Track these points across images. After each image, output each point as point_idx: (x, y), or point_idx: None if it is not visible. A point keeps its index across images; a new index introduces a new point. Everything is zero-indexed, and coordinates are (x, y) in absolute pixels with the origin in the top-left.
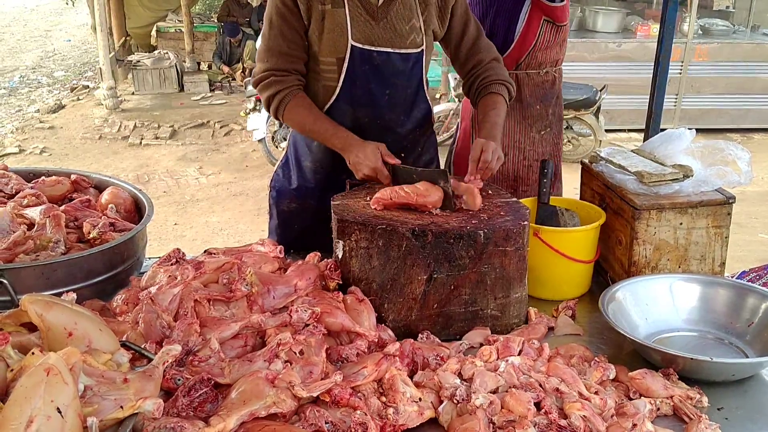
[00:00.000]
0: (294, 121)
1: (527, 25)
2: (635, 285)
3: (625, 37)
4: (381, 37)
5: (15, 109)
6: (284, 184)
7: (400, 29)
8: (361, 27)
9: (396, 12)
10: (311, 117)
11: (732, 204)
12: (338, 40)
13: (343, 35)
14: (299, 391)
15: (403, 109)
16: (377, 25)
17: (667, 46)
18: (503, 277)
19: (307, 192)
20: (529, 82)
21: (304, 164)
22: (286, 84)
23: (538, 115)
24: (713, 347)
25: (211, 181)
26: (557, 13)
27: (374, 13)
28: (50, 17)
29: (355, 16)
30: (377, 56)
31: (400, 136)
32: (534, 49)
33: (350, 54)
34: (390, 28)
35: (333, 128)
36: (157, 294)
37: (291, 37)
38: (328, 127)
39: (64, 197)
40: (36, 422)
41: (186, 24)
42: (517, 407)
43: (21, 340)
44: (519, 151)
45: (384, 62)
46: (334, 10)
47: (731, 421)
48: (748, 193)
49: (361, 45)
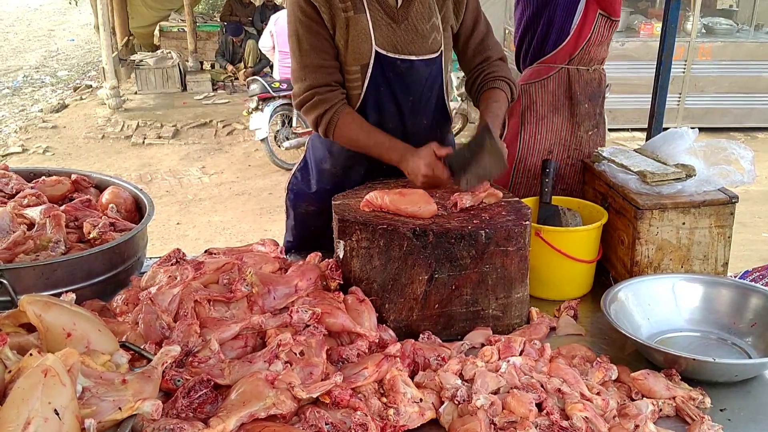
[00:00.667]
0: (346, 139)
1: (583, 17)
2: (637, 285)
3: (628, 36)
4: (404, 39)
5: (18, 108)
6: (302, 188)
7: (422, 29)
8: (383, 31)
9: (416, 12)
10: (363, 133)
11: (735, 203)
12: (362, 46)
13: (367, 41)
14: (299, 392)
15: (425, 114)
16: (398, 27)
17: (669, 44)
18: (505, 277)
19: (325, 194)
20: (580, 79)
21: (323, 167)
22: (331, 101)
23: (587, 113)
24: (716, 348)
25: (214, 181)
26: (615, 6)
27: (395, 16)
28: (54, 17)
29: (377, 20)
30: (401, 64)
31: (421, 138)
32: (588, 43)
33: (374, 61)
34: (411, 29)
35: (388, 141)
36: (157, 294)
37: (323, 47)
38: (383, 141)
39: (65, 197)
40: (33, 424)
41: (189, 23)
42: (519, 408)
43: (19, 341)
44: (564, 149)
45: (407, 69)
46: (356, 16)
47: (734, 423)
48: (752, 192)
49: (385, 51)
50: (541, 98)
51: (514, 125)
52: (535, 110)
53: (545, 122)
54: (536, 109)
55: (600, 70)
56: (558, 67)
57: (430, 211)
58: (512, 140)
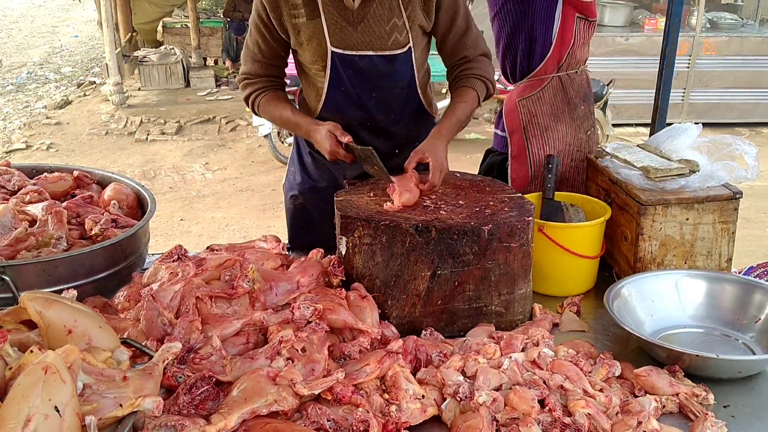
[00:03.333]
0: (267, 117)
1: (563, 24)
2: (641, 281)
3: (632, 31)
4: (360, 41)
5: (22, 105)
6: (291, 179)
7: (379, 31)
8: (338, 34)
9: (373, 14)
10: (277, 111)
11: (739, 199)
12: (318, 48)
13: (322, 43)
14: (301, 389)
15: (393, 109)
16: (355, 30)
17: (673, 39)
18: (507, 273)
19: (311, 188)
20: (572, 83)
21: (305, 160)
22: (257, 86)
23: (584, 115)
24: (719, 344)
25: (217, 177)
26: (591, 7)
27: (350, 19)
28: (57, 13)
29: (332, 24)
30: (359, 60)
31: (394, 135)
32: (572, 48)
33: (331, 60)
34: (368, 31)
35: (295, 118)
36: (159, 291)
37: (265, 48)
38: (290, 117)
39: (67, 194)
40: (34, 421)
41: (192, 19)
42: (521, 405)
43: (20, 338)
44: (567, 154)
45: (367, 66)
46: (309, 22)
47: (738, 419)
48: (756, 187)
49: (341, 50)
50: (541, 110)
51: (518, 141)
52: (537, 123)
53: (549, 132)
54: (538, 122)
55: (585, 71)
56: (549, 77)
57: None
58: (520, 155)
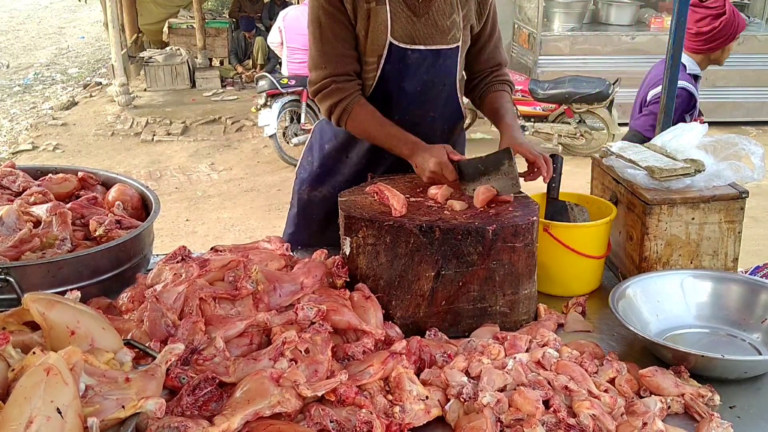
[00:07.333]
0: (359, 130)
1: None
2: (646, 281)
3: (638, 30)
4: (422, 33)
5: (29, 106)
6: (305, 171)
7: (442, 25)
8: (402, 24)
9: (437, 7)
10: (376, 125)
11: (745, 198)
12: (379, 38)
13: (384, 33)
14: (304, 391)
15: (432, 106)
16: (419, 21)
17: (679, 38)
18: (512, 273)
19: (327, 177)
20: None
21: (327, 147)
22: (348, 91)
23: None
24: (725, 344)
25: (223, 177)
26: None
27: (416, 9)
28: (64, 14)
29: (397, 13)
30: (412, 54)
31: (428, 132)
32: None
33: (387, 52)
34: (431, 23)
35: (400, 134)
36: (162, 292)
37: (344, 36)
38: (395, 133)
39: (71, 195)
40: (36, 423)
41: (197, 20)
42: (525, 406)
43: (23, 339)
44: None
45: (418, 60)
46: (378, 8)
47: (744, 420)
48: (763, 186)
49: (399, 43)
50: None
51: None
52: None
53: None
54: None
55: None
56: None
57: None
58: None
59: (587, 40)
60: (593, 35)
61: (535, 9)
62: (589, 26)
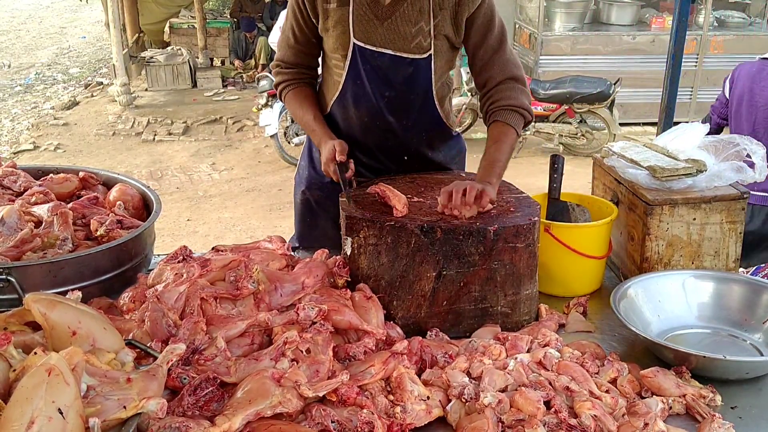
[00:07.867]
0: (290, 111)
1: None
2: (647, 281)
3: (639, 30)
4: (383, 37)
5: (30, 105)
6: (302, 173)
7: (404, 31)
8: (363, 26)
9: (402, 13)
10: (300, 110)
11: (746, 199)
12: (342, 37)
13: (347, 33)
14: (305, 391)
15: (405, 114)
16: (381, 24)
17: (680, 38)
18: (513, 273)
19: (320, 184)
20: None
21: (315, 155)
22: (289, 76)
23: None
24: (727, 345)
25: (224, 177)
26: None
27: (379, 13)
28: (65, 14)
29: (359, 15)
30: (378, 57)
31: (404, 140)
32: None
33: (352, 52)
34: (393, 29)
35: (312, 124)
36: (163, 292)
37: (299, 33)
38: (309, 122)
39: (72, 195)
40: (37, 423)
41: (199, 20)
42: (527, 406)
43: (25, 339)
44: None
45: (384, 64)
46: (338, 9)
47: (745, 420)
48: None
49: (363, 44)
50: None
51: None
52: None
53: None
54: None
55: None
56: None
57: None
58: None
59: (588, 40)
60: (594, 35)
61: (536, 9)
62: (590, 26)
